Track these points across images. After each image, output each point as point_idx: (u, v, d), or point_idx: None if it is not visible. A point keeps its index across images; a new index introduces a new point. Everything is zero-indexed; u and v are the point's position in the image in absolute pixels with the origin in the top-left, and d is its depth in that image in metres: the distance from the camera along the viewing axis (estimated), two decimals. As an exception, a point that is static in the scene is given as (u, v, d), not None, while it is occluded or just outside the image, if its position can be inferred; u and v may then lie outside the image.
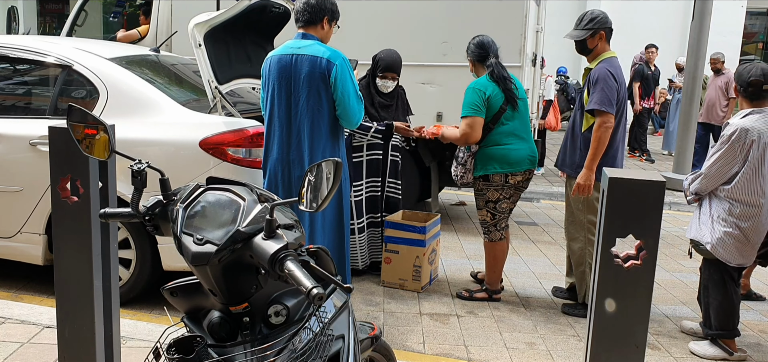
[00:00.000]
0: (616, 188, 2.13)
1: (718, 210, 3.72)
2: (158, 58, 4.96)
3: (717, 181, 3.70)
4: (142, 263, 4.19)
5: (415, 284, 4.70)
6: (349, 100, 3.66)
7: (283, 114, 3.73)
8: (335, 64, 3.62)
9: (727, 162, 3.66)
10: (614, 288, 2.16)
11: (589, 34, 4.20)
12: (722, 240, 3.69)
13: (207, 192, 1.77)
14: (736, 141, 3.63)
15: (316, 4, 3.72)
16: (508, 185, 4.35)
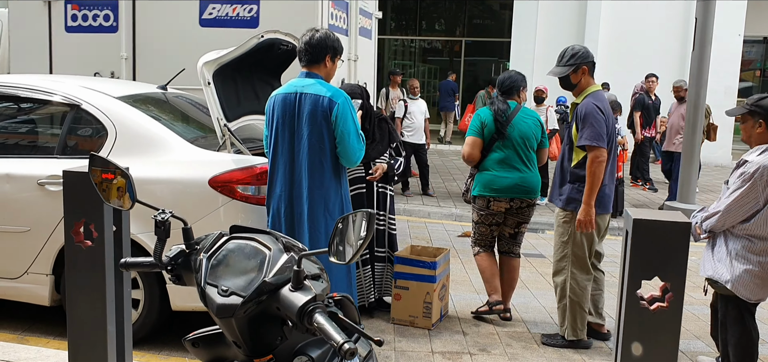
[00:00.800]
0: (641, 229, 2.11)
1: (735, 247, 3.64)
2: (165, 95, 4.95)
3: (736, 219, 3.61)
4: (151, 303, 4.14)
5: (425, 321, 4.65)
6: (349, 139, 3.70)
7: (286, 151, 3.78)
8: (337, 103, 3.68)
9: (749, 200, 3.56)
10: (640, 331, 2.12)
11: (572, 69, 4.26)
12: (742, 277, 3.60)
13: (230, 241, 1.74)
14: (758, 178, 3.52)
15: (317, 43, 3.77)
16: (491, 211, 4.69)
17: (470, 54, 20.91)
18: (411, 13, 21.99)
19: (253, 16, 6.82)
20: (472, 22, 21.44)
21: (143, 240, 3.94)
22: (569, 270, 4.33)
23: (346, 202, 3.85)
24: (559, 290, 4.42)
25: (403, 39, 22.11)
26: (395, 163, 4.79)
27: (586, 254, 4.32)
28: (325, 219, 3.75)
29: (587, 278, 4.35)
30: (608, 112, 4.21)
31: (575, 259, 4.30)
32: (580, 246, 4.28)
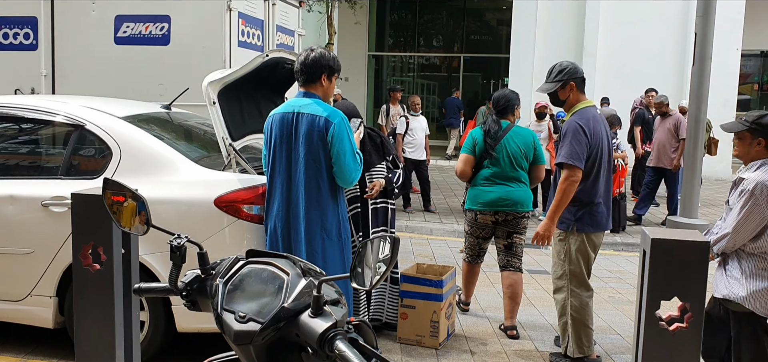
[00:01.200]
0: (659, 249, 2.08)
1: (749, 266, 3.56)
2: (169, 114, 4.93)
3: (746, 238, 3.53)
4: (156, 324, 4.10)
5: (433, 340, 4.61)
6: (345, 159, 3.69)
7: (283, 171, 3.78)
8: (333, 123, 3.67)
9: (755, 217, 3.49)
10: (660, 353, 2.09)
11: (559, 86, 4.25)
12: (757, 293, 3.52)
13: (247, 265, 1.71)
14: (759, 195, 3.47)
15: (312, 62, 3.77)
16: (478, 223, 4.98)
17: (469, 70, 20.96)
18: (409, 30, 22.07)
19: (165, 34, 7.29)
20: (470, 38, 21.51)
21: (149, 262, 3.90)
22: (569, 288, 4.31)
23: (343, 222, 3.83)
24: (559, 307, 4.39)
25: (402, 55, 22.17)
26: (393, 175, 4.74)
27: (583, 271, 4.29)
28: (322, 239, 3.73)
29: (588, 295, 4.32)
30: (594, 131, 4.16)
31: (573, 277, 4.29)
32: (577, 264, 4.27)
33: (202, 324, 4.05)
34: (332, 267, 3.73)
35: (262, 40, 8.04)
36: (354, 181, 3.79)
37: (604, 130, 4.27)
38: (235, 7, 7.27)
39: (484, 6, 21.61)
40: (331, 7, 14.79)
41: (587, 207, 4.18)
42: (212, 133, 4.56)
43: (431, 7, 21.53)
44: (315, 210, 3.71)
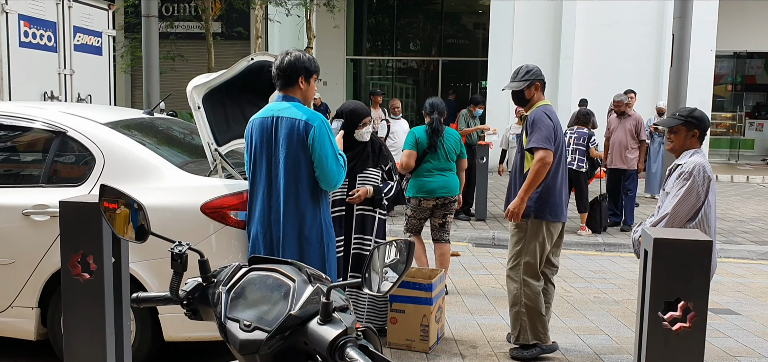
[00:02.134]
0: (662, 249, 2.07)
1: None
2: (152, 120, 4.85)
3: (682, 220, 3.74)
4: (143, 334, 4.02)
5: (423, 344, 4.58)
6: (327, 162, 3.63)
7: (264, 176, 3.72)
8: (313, 125, 3.61)
9: (691, 198, 3.72)
10: (664, 354, 2.09)
11: (526, 84, 4.51)
12: None
13: (250, 273, 1.67)
14: (696, 175, 3.72)
15: (287, 66, 3.72)
16: (421, 208, 5.84)
17: (447, 73, 21.00)
18: (387, 34, 22.05)
19: None
20: (447, 42, 21.55)
21: (136, 271, 3.82)
22: (521, 278, 4.46)
23: (325, 227, 3.76)
24: (511, 296, 4.54)
25: (380, 59, 22.15)
26: (385, 186, 4.70)
27: (537, 262, 4.45)
28: (300, 245, 3.67)
29: (538, 284, 4.48)
30: (557, 122, 4.42)
31: (527, 267, 4.44)
32: (533, 255, 4.43)
33: (190, 332, 3.98)
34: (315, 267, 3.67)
35: (54, 40, 8.73)
36: (338, 184, 3.72)
37: (560, 123, 4.53)
38: (12, 9, 7.74)
39: (461, 9, 21.68)
40: (310, 11, 14.73)
41: (547, 196, 4.38)
42: (197, 139, 4.50)
43: (408, 11, 21.54)
44: (294, 214, 3.65)
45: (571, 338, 5.04)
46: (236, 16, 16.62)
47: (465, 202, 9.34)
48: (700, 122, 3.88)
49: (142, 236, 1.80)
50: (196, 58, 16.02)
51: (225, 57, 15.35)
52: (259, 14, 13.60)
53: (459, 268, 7.13)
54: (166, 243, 1.73)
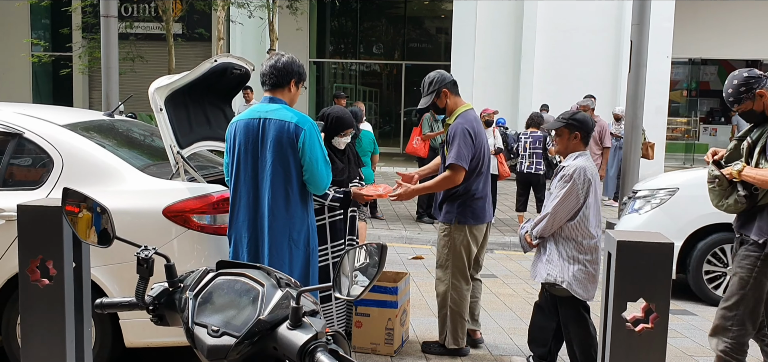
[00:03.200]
0: (625, 251, 2.11)
1: (566, 249, 3.95)
2: (112, 122, 4.76)
3: (563, 219, 3.94)
4: (103, 340, 3.93)
5: (387, 348, 4.58)
6: (317, 166, 3.60)
7: (249, 179, 3.64)
8: (304, 129, 3.56)
9: (572, 199, 3.91)
10: (628, 354, 2.12)
11: (434, 96, 4.56)
12: (576, 277, 3.92)
13: (218, 277, 1.65)
14: (577, 178, 3.90)
15: (283, 66, 3.66)
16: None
17: (410, 77, 21.09)
18: (350, 37, 22.05)
19: None
20: (411, 46, 21.64)
21: (95, 276, 3.73)
22: (450, 282, 4.56)
23: (312, 232, 3.74)
24: (439, 299, 4.63)
25: (343, 62, 22.13)
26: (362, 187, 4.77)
27: (465, 265, 4.56)
28: (290, 250, 3.62)
29: (467, 288, 4.59)
30: (477, 132, 4.51)
31: (456, 270, 4.54)
32: (460, 258, 4.54)
33: (152, 338, 3.91)
34: (297, 277, 3.64)
35: None
36: (326, 188, 3.72)
37: (483, 131, 4.66)
38: None
39: (424, 13, 21.81)
40: (273, 13, 14.64)
41: (469, 202, 4.51)
42: (158, 141, 4.43)
43: (371, 15, 21.59)
44: (283, 219, 3.59)
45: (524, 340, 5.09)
46: (197, 17, 16.44)
47: (428, 205, 9.39)
48: (581, 124, 4.05)
49: (106, 240, 1.77)
50: (157, 60, 15.79)
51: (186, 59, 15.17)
52: (220, 16, 13.46)
53: (423, 271, 7.16)
54: (128, 248, 1.70)
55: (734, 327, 3.71)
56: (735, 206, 3.73)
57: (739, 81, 3.71)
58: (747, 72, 3.74)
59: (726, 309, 3.74)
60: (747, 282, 3.66)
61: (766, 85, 3.67)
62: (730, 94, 3.76)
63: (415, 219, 9.76)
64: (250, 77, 4.62)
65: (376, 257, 1.50)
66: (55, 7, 17.26)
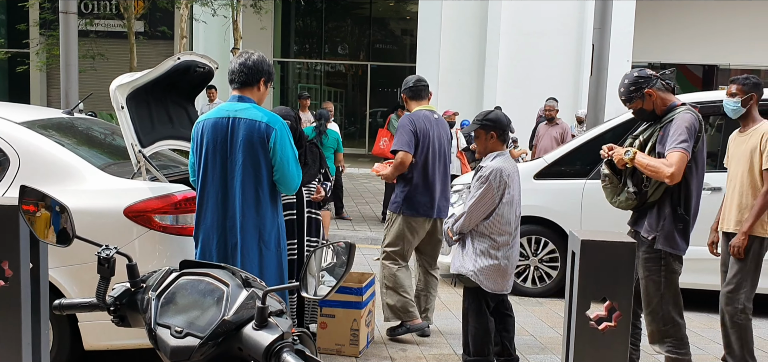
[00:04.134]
0: (589, 250, 2.14)
1: (481, 245, 4.10)
2: (72, 120, 4.65)
3: (479, 218, 4.09)
4: (61, 343, 3.84)
5: (352, 348, 4.56)
6: (288, 166, 3.54)
7: (217, 179, 3.56)
8: (275, 128, 3.49)
9: (487, 200, 4.05)
10: (591, 352, 2.15)
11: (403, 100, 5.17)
12: (484, 269, 4.08)
13: (182, 277, 1.62)
14: (492, 180, 4.03)
15: (253, 65, 3.59)
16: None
17: (375, 78, 21.11)
18: (315, 37, 21.98)
19: None
20: (376, 47, 21.67)
21: (53, 278, 3.64)
22: (381, 262, 5.01)
23: (282, 232, 3.69)
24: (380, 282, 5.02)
25: (308, 62, 22.05)
26: (324, 187, 4.74)
27: (396, 250, 4.94)
28: (260, 250, 3.56)
29: (394, 266, 4.93)
30: (421, 126, 4.86)
31: (387, 254, 4.97)
32: (393, 244, 4.96)
33: (112, 341, 3.83)
34: (269, 278, 3.58)
35: None
36: (296, 188, 3.65)
37: (436, 131, 4.96)
38: None
39: (389, 15, 21.85)
40: (237, 11, 14.50)
41: (409, 194, 4.87)
42: (119, 140, 4.34)
43: (336, 15, 21.55)
44: (253, 220, 3.52)
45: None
46: (160, 15, 16.18)
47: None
48: (494, 123, 4.16)
49: (65, 240, 1.73)
50: (118, 58, 15.50)
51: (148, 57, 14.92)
52: (184, 14, 13.26)
53: (388, 272, 7.15)
54: (88, 249, 1.66)
55: (667, 326, 3.80)
56: (626, 203, 3.86)
57: (630, 80, 3.84)
58: (638, 72, 3.88)
59: (652, 313, 3.83)
60: (659, 283, 3.77)
61: (655, 85, 3.79)
62: (622, 93, 3.89)
63: (380, 221, 9.76)
64: (214, 76, 4.57)
65: (343, 257, 1.49)
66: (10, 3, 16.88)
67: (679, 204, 3.70)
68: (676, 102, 3.81)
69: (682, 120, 3.66)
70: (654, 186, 3.71)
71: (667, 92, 3.80)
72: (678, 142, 3.58)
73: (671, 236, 3.70)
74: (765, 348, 5.27)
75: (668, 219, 3.71)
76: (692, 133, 3.63)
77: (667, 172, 3.55)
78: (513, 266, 4.17)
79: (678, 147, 3.57)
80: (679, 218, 3.70)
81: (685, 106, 3.76)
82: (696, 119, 3.69)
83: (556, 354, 4.87)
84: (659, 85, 3.79)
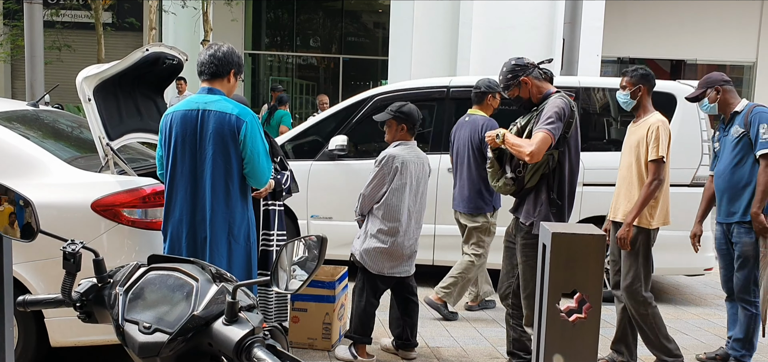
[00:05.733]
0: (559, 243, 2.15)
1: (371, 228, 4.27)
2: (37, 113, 4.56)
3: (372, 201, 4.26)
4: (26, 340, 3.76)
5: (325, 342, 4.55)
6: (258, 159, 3.51)
7: (186, 172, 3.51)
8: (245, 121, 3.45)
9: (380, 183, 4.22)
10: (562, 344, 2.17)
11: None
12: (368, 251, 4.25)
13: (150, 272, 1.59)
14: (384, 165, 4.21)
15: (223, 56, 3.55)
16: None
17: (347, 71, 21.04)
18: (286, 29, 21.83)
19: None
20: (348, 40, 21.59)
21: (18, 273, 3.57)
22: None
23: (252, 226, 3.65)
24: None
25: (279, 55, 21.89)
26: (281, 177, 4.65)
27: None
28: (229, 245, 3.52)
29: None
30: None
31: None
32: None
33: (79, 337, 3.77)
34: (238, 272, 3.55)
35: None
36: (266, 182, 3.63)
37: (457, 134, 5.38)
38: None
39: (361, 8, 21.78)
40: (207, 3, 14.33)
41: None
42: (86, 133, 4.27)
43: (308, 7, 21.42)
44: (223, 214, 3.48)
45: (469, 331, 5.17)
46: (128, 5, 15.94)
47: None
48: (407, 116, 4.33)
49: (29, 234, 1.69)
50: (85, 49, 15.24)
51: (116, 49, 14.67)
52: (153, 5, 13.07)
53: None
54: (53, 244, 1.63)
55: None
56: (504, 188, 3.98)
57: (508, 69, 3.96)
58: (515, 60, 4.00)
59: (528, 297, 3.92)
60: (536, 268, 3.82)
61: (532, 73, 3.91)
62: (500, 82, 4.02)
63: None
64: (184, 68, 4.51)
65: (315, 250, 1.48)
66: (-27, -8, 16.42)
67: (552, 189, 3.79)
68: (551, 90, 3.91)
69: (551, 104, 3.77)
70: (530, 172, 3.80)
71: (543, 81, 3.93)
72: (544, 124, 3.68)
73: (547, 221, 3.76)
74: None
75: (544, 204, 3.80)
76: (561, 117, 3.71)
77: (527, 150, 3.65)
78: (406, 252, 4.31)
79: (542, 127, 3.67)
80: (553, 203, 3.79)
81: (559, 92, 3.87)
82: (566, 104, 3.78)
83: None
84: (535, 73, 3.92)
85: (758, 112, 4.32)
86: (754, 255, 4.33)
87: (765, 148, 4.19)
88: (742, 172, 4.34)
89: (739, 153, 4.35)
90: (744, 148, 4.33)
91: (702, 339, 5.26)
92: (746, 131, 4.30)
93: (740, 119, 4.36)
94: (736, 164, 4.36)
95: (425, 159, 4.42)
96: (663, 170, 4.11)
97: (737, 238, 4.40)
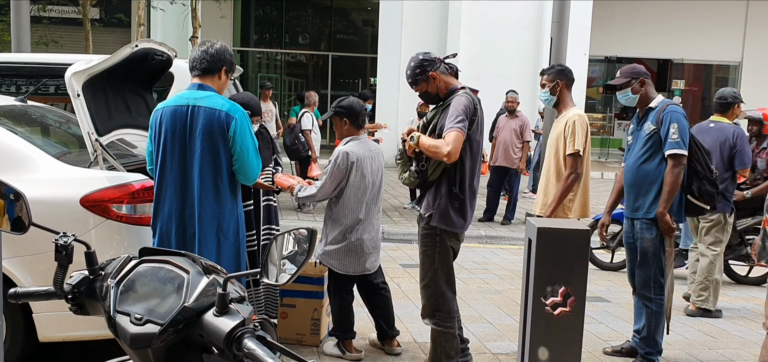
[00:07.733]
0: (545, 238, 2.19)
1: (329, 230, 4.31)
2: (25, 108, 4.55)
3: (325, 195, 4.27)
4: (14, 334, 3.76)
5: (313, 338, 4.57)
6: (247, 156, 3.52)
7: (176, 168, 3.51)
8: (235, 117, 3.46)
9: (335, 180, 4.23)
10: (546, 337, 2.21)
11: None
12: (330, 252, 4.29)
13: (141, 265, 1.61)
14: (340, 162, 4.21)
15: (215, 52, 3.56)
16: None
17: (336, 69, 21.05)
18: (275, 26, 21.81)
19: None
20: (337, 38, 21.60)
21: (7, 269, 3.56)
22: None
23: (241, 222, 3.67)
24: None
25: (268, 52, 21.86)
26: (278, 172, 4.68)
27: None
28: (218, 241, 3.53)
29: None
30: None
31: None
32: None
33: (68, 332, 3.77)
34: (227, 268, 3.53)
35: None
36: (256, 179, 3.63)
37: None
38: None
39: (350, 6, 21.79)
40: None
41: None
42: (74, 128, 4.27)
43: (297, 4, 21.40)
44: (212, 210, 3.49)
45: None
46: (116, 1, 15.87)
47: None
48: (347, 110, 4.35)
49: (20, 228, 1.70)
50: (72, 45, 15.17)
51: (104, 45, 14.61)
52: (141, 1, 13.03)
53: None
54: (43, 239, 1.64)
55: (438, 300, 3.96)
56: (409, 180, 4.04)
57: (415, 63, 3.98)
58: (423, 55, 4.02)
59: (425, 287, 3.99)
60: (434, 258, 3.93)
61: (439, 68, 3.94)
62: (408, 76, 4.03)
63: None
64: (173, 64, 4.52)
65: (304, 244, 1.51)
66: (-41, -13, 16.28)
67: (454, 183, 3.84)
68: (457, 85, 3.95)
69: (458, 102, 3.81)
70: (433, 166, 3.86)
71: (450, 76, 3.97)
72: (454, 122, 3.73)
73: (446, 214, 3.85)
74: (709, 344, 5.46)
75: (444, 197, 3.85)
76: (467, 114, 3.78)
77: (445, 150, 3.69)
78: (369, 246, 4.32)
79: (454, 126, 3.72)
80: (454, 197, 3.84)
81: (464, 89, 3.91)
82: (471, 101, 3.85)
83: (513, 341, 4.96)
84: (442, 68, 3.95)
85: (671, 110, 4.30)
86: (654, 253, 4.33)
87: (674, 148, 4.19)
88: (649, 168, 4.33)
89: (648, 149, 4.34)
90: (654, 145, 4.31)
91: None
92: (657, 128, 4.29)
93: (653, 116, 4.36)
94: (645, 160, 4.35)
95: (379, 151, 4.46)
96: (580, 163, 4.19)
97: (640, 234, 4.39)
